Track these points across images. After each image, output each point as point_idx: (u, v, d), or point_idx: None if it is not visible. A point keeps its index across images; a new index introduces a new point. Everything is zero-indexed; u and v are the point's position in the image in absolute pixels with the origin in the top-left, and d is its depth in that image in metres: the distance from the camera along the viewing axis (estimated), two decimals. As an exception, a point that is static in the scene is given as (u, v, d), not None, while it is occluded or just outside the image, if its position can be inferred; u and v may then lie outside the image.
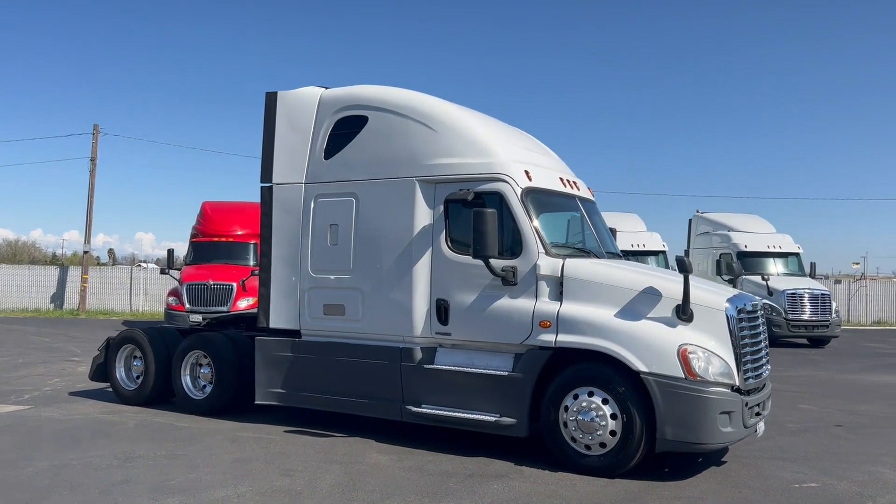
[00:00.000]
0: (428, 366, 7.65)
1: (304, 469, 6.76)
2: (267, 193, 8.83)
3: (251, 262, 20.91)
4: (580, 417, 6.77)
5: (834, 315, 21.15)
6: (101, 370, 10.52)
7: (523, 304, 7.20)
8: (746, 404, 6.67)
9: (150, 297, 30.04)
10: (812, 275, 22.57)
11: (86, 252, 32.19)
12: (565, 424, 6.88)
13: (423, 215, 7.78)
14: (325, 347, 8.30)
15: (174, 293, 19.88)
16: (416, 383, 7.70)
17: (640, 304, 6.80)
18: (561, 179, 8.15)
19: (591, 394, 6.78)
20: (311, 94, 8.75)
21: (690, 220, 26.22)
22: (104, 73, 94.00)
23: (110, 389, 10.89)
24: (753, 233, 23.11)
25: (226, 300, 19.45)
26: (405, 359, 7.76)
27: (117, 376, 10.15)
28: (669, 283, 6.90)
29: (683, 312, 6.63)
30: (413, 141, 7.92)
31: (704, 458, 7.33)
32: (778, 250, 22.62)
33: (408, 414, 7.74)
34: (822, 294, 21.17)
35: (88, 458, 7.04)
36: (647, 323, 6.71)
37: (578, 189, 8.41)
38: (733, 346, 6.66)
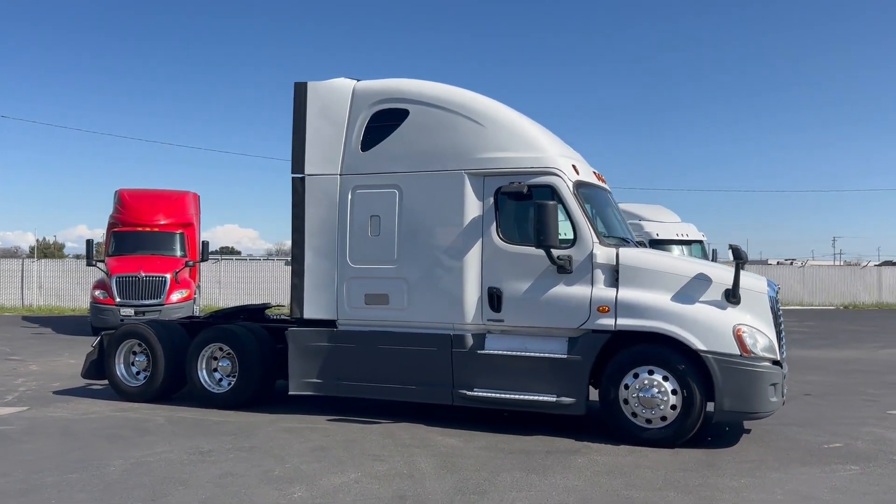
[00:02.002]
0: (480, 351, 7.99)
1: (391, 454, 6.94)
2: (299, 184, 8.81)
3: (178, 253, 20.32)
4: (641, 394, 7.35)
5: None
6: (95, 367, 10.10)
7: (580, 290, 7.67)
8: (784, 376, 7.49)
9: (45, 292, 28.14)
10: (714, 261, 24.49)
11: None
12: (625, 401, 7.44)
13: (473, 207, 8.08)
14: (368, 336, 8.43)
15: (101, 286, 18.93)
16: (468, 368, 8.01)
17: (693, 289, 7.45)
18: (594, 173, 8.69)
19: (651, 372, 7.37)
20: (344, 85, 8.81)
21: None
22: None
23: (99, 386, 10.52)
24: (663, 222, 24.70)
25: (159, 293, 18.81)
26: (456, 345, 8.05)
27: (117, 372, 9.77)
28: (716, 270, 7.62)
29: (734, 296, 7.34)
30: (460, 135, 8.19)
31: (732, 427, 8.12)
32: (685, 238, 24.36)
33: (460, 398, 8.05)
34: None
35: (158, 454, 6.89)
36: (701, 306, 7.37)
37: (605, 182, 8.98)
38: (774, 324, 7.46)
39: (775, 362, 7.37)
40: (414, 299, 8.28)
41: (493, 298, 7.96)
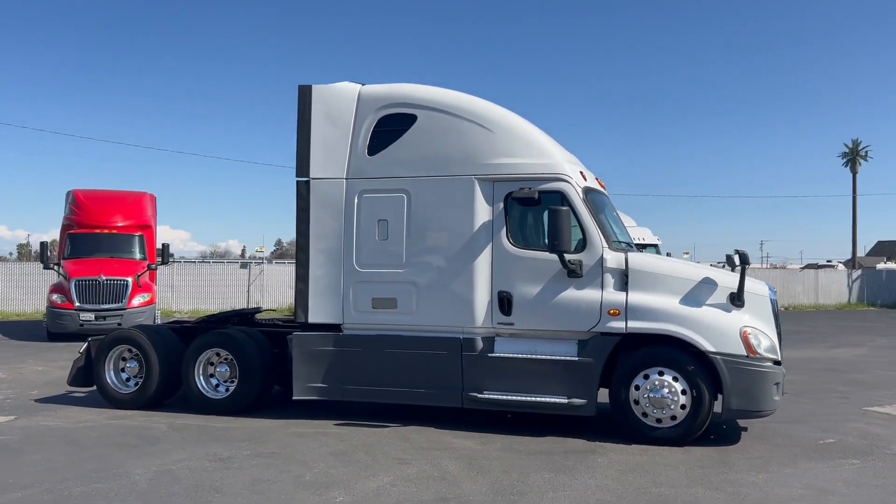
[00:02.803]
0: (490, 354, 8.10)
1: (414, 457, 6.99)
2: (303, 188, 8.76)
3: (138, 256, 19.87)
4: (652, 395, 7.59)
5: None
6: (83, 374, 9.82)
7: (590, 294, 7.86)
8: (783, 375, 7.83)
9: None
10: None
11: None
12: (636, 402, 7.66)
13: (483, 212, 8.20)
14: (375, 340, 8.45)
15: (59, 290, 18.34)
16: (478, 371, 8.12)
17: (699, 292, 7.72)
18: (596, 179, 8.91)
19: (661, 373, 7.62)
20: (349, 89, 8.81)
21: None
22: None
23: (81, 393, 10.27)
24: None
25: (121, 297, 18.34)
26: (466, 348, 8.15)
27: (107, 379, 9.52)
28: (720, 274, 7.92)
29: (738, 299, 7.65)
30: (470, 140, 8.29)
31: (729, 425, 8.44)
32: (641, 242, 24.98)
33: (469, 400, 8.14)
34: None
35: (178, 462, 6.78)
36: (708, 309, 7.65)
37: (604, 188, 9.21)
38: (776, 326, 7.80)
39: (776, 362, 7.70)
40: (423, 303, 8.34)
41: (504, 302, 8.08)
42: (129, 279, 18.45)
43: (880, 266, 54.57)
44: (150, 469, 6.52)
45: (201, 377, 9.17)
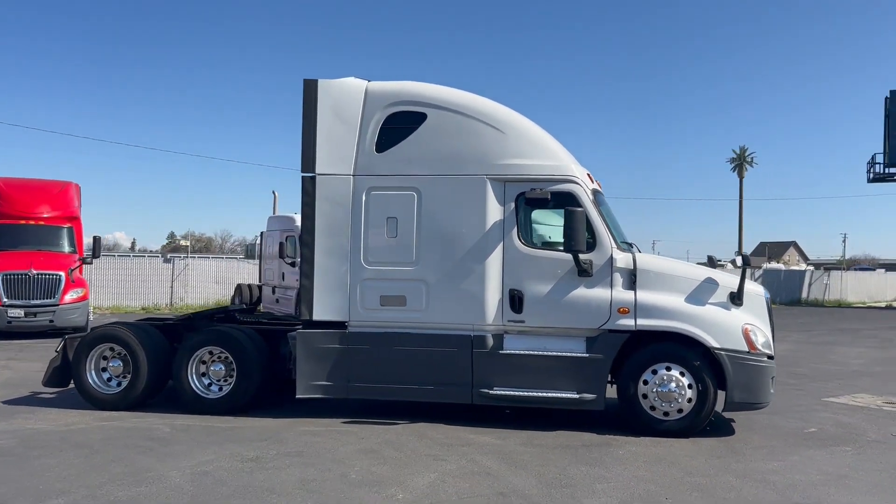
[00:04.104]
0: (501, 351, 8.26)
1: (445, 454, 7.07)
2: (309, 183, 8.65)
3: (67, 249, 18.92)
4: (660, 389, 7.95)
5: None
6: (60, 374, 9.35)
7: (600, 293, 8.15)
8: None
9: None
10: None
11: None
12: (644, 396, 8.01)
13: (494, 211, 8.34)
14: (383, 338, 8.45)
15: (-17, 285, 17.12)
16: (488, 368, 8.26)
17: (703, 291, 8.14)
18: (597, 182, 9.21)
19: (668, 368, 7.99)
20: (356, 85, 8.76)
21: None
22: None
23: (49, 395, 9.80)
24: None
25: (53, 292, 17.40)
26: (477, 346, 8.28)
27: (89, 380, 9.09)
28: (720, 274, 8.38)
29: (738, 298, 8.12)
30: (482, 141, 8.42)
31: (716, 417, 8.92)
32: None
33: (479, 397, 8.28)
34: None
35: (209, 463, 6.60)
36: (711, 307, 8.08)
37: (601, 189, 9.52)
38: (770, 323, 8.32)
39: (770, 357, 8.22)
40: (433, 301, 8.40)
41: (515, 300, 8.26)
42: (62, 273, 17.51)
43: (766, 266, 58.16)
44: (184, 471, 6.32)
45: (194, 376, 8.90)
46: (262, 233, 25.42)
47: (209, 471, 6.35)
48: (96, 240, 19.23)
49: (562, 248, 8.13)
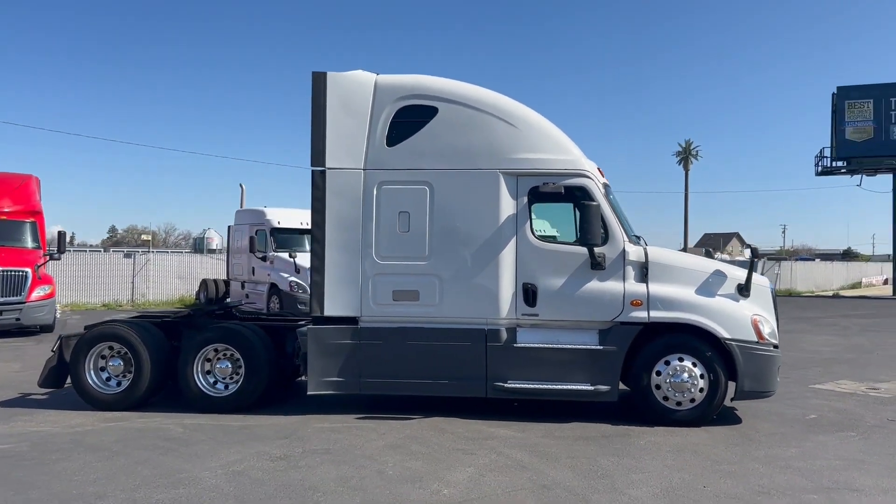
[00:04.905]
0: (515, 344, 8.31)
1: (472, 448, 7.09)
2: (319, 178, 8.54)
3: (31, 245, 18.31)
4: (673, 379, 8.11)
5: None
6: (56, 374, 9.07)
7: (613, 286, 8.25)
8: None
9: None
10: None
11: None
12: (657, 387, 8.15)
13: (507, 205, 8.37)
14: (396, 333, 8.41)
15: (-54, 282, 16.46)
16: (502, 361, 8.30)
17: (712, 283, 8.31)
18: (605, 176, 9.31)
19: (681, 359, 8.15)
20: (365, 78, 8.68)
21: None
22: None
23: (41, 395, 9.51)
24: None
25: (19, 289, 16.88)
26: (491, 339, 8.31)
27: (88, 380, 8.83)
28: (728, 266, 8.57)
29: (746, 289, 8.32)
30: (494, 135, 8.43)
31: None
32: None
33: (494, 390, 8.31)
34: None
35: (238, 462, 6.50)
36: (721, 299, 8.26)
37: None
38: (775, 314, 8.55)
39: (776, 346, 8.45)
40: (446, 295, 8.39)
41: (529, 294, 8.31)
42: (29, 270, 16.96)
43: (718, 256, 59.55)
44: (215, 472, 6.21)
45: (200, 374, 8.73)
46: (229, 227, 24.97)
47: (241, 470, 6.25)
48: (61, 235, 18.71)
49: (574, 242, 8.22)
